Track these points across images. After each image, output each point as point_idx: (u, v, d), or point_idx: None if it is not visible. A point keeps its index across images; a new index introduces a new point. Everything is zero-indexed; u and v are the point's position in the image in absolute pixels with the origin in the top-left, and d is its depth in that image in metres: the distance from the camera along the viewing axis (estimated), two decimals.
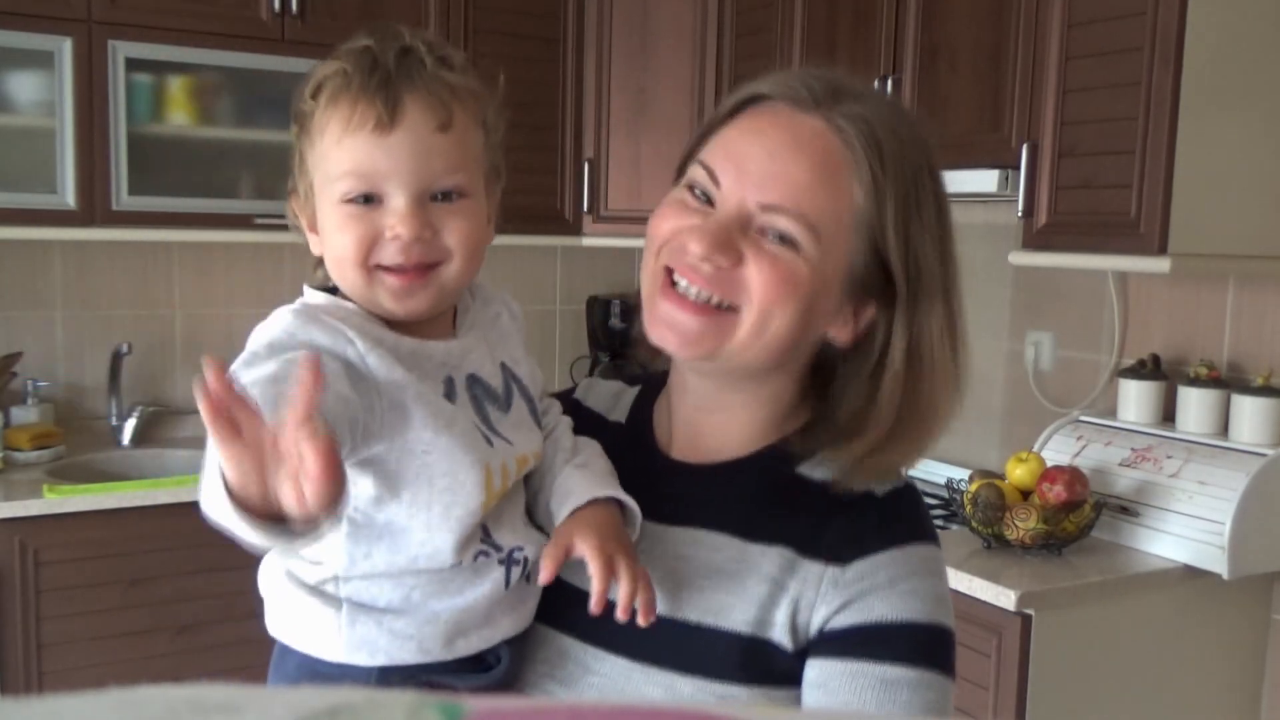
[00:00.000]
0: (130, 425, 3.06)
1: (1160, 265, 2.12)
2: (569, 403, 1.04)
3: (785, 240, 0.86)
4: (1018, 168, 2.34)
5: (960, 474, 2.53)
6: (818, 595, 0.87)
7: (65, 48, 2.70)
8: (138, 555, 2.64)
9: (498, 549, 0.86)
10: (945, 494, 2.58)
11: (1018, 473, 2.27)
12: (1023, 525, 2.15)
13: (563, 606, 0.91)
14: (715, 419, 0.96)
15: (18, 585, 2.52)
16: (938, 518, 2.57)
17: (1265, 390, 2.20)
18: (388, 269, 0.84)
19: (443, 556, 0.84)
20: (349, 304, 0.86)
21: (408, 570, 0.84)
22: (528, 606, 0.90)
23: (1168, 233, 2.10)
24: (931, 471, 2.93)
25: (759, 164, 0.87)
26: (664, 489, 0.94)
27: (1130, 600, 2.13)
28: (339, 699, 0.28)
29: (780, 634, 0.87)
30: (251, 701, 0.28)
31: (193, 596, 2.71)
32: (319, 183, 0.86)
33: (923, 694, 0.85)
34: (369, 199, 0.84)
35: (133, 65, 2.79)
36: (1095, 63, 2.19)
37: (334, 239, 0.85)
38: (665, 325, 0.89)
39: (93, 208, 2.77)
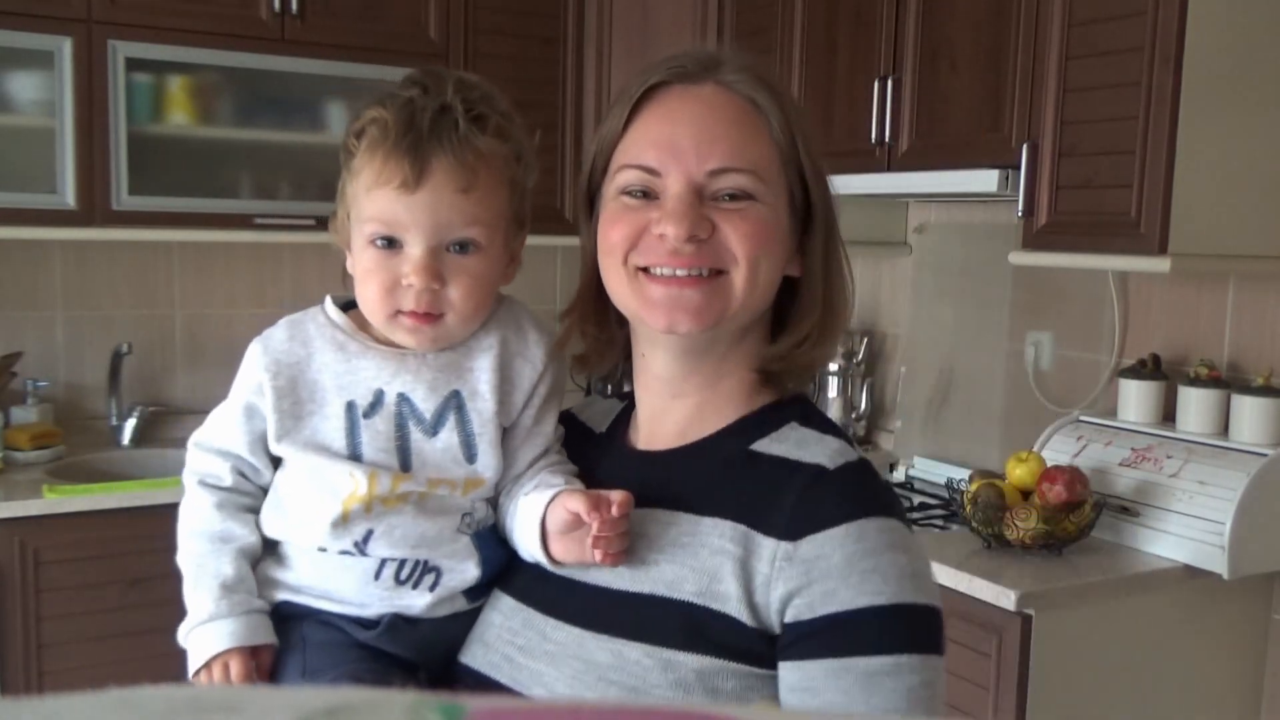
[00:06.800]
0: (130, 425, 3.06)
1: (1160, 265, 2.12)
2: (565, 416, 1.09)
3: (741, 196, 0.93)
4: (1018, 168, 2.33)
5: (960, 474, 2.53)
6: (773, 571, 0.88)
7: (65, 48, 2.70)
8: (138, 555, 2.64)
9: (363, 553, 0.97)
10: (945, 494, 2.58)
11: (1018, 473, 2.27)
12: (1023, 525, 2.15)
13: (529, 583, 0.99)
14: (677, 406, 1.00)
15: (18, 585, 2.52)
16: (937, 517, 2.57)
17: (1265, 390, 2.20)
18: (403, 312, 0.96)
19: (309, 540, 0.97)
20: (331, 318, 1.00)
21: (288, 541, 1.00)
22: (412, 602, 0.98)
23: (1168, 233, 2.10)
24: (931, 471, 2.94)
25: (689, 138, 0.93)
26: (627, 478, 0.98)
27: (1130, 600, 2.13)
28: (339, 699, 0.28)
29: (736, 608, 0.88)
30: (251, 701, 0.28)
31: None
32: (353, 216, 0.98)
33: (905, 679, 0.85)
34: (391, 242, 0.95)
35: (133, 65, 2.79)
36: (1095, 63, 2.19)
37: (363, 285, 0.97)
38: (671, 306, 0.93)
39: (93, 208, 2.77)
